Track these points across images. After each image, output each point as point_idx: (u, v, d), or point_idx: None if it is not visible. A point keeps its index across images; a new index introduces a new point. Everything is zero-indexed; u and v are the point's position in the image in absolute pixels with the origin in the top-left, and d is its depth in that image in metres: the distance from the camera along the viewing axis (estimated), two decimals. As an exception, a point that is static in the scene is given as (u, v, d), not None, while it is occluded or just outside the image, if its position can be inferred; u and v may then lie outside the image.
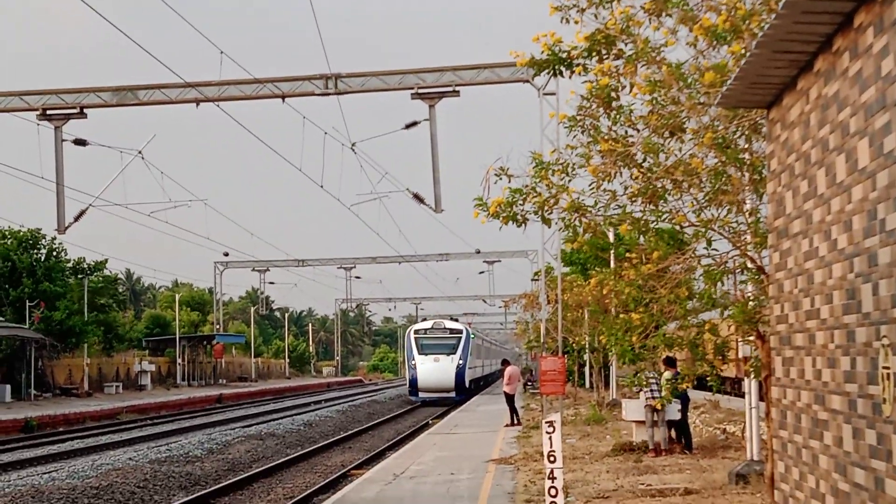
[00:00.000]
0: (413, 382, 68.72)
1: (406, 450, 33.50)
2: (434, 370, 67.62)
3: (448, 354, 68.48)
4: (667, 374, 23.03)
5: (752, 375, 16.75)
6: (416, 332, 71.39)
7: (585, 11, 12.82)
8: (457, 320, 77.88)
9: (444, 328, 71.34)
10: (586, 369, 60.58)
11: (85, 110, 34.76)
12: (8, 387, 64.59)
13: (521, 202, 12.93)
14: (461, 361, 68.58)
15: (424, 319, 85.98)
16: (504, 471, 25.93)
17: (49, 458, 35.13)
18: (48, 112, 35.12)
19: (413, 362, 68.80)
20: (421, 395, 67.84)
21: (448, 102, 32.21)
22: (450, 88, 32.08)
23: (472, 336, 74.33)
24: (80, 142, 35.55)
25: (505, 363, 49.00)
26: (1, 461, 33.22)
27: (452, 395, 67.20)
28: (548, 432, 16.80)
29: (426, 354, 68.62)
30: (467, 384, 69.96)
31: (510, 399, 42.58)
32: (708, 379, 17.23)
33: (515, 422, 41.11)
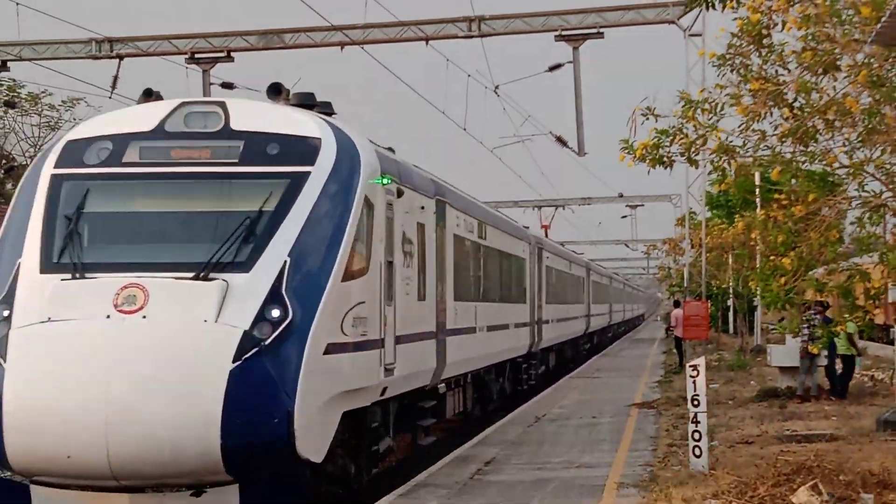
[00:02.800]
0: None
1: (547, 393, 33.55)
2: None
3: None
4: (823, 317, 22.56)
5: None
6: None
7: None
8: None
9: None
10: (730, 315, 59.76)
11: (232, 54, 35.17)
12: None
13: (667, 144, 12.73)
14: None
15: None
16: (646, 415, 25.85)
17: None
18: (196, 56, 35.52)
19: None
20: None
21: (591, 45, 31.88)
22: (594, 30, 31.66)
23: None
24: (227, 85, 35.94)
25: (676, 304, 46.90)
26: None
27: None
28: (692, 376, 16.63)
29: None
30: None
31: (680, 343, 41.13)
32: (859, 325, 16.86)
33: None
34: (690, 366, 17.03)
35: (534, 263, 35.48)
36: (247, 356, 12.67)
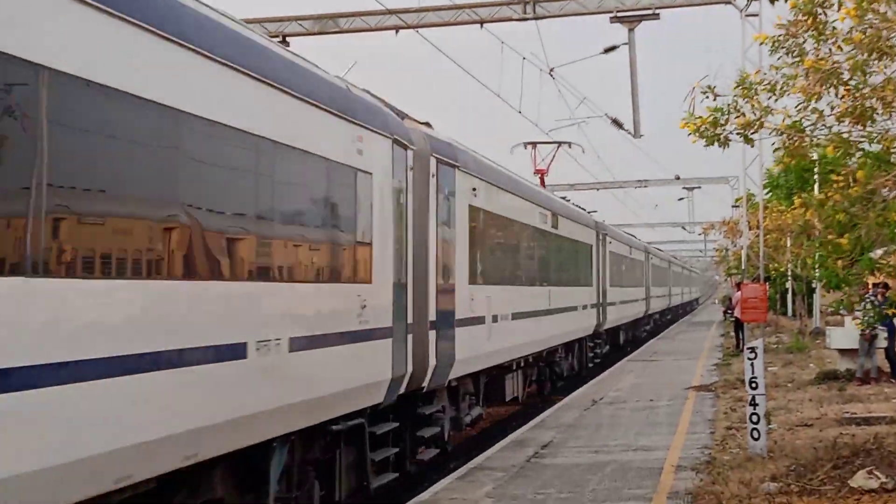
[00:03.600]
0: None
1: (604, 377, 33.52)
2: None
3: None
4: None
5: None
6: None
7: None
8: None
9: None
10: (788, 297, 59.30)
11: (287, 38, 35.35)
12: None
13: (723, 122, 12.64)
14: None
15: None
16: (704, 398, 25.76)
17: None
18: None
19: None
20: None
21: (646, 26, 31.71)
22: (650, 11, 31.49)
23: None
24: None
25: (738, 286, 46.20)
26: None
27: None
28: (749, 358, 16.58)
29: None
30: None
31: (739, 326, 40.76)
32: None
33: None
34: (748, 348, 16.98)
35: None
36: None
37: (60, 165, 7.80)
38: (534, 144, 41.46)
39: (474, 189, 19.87)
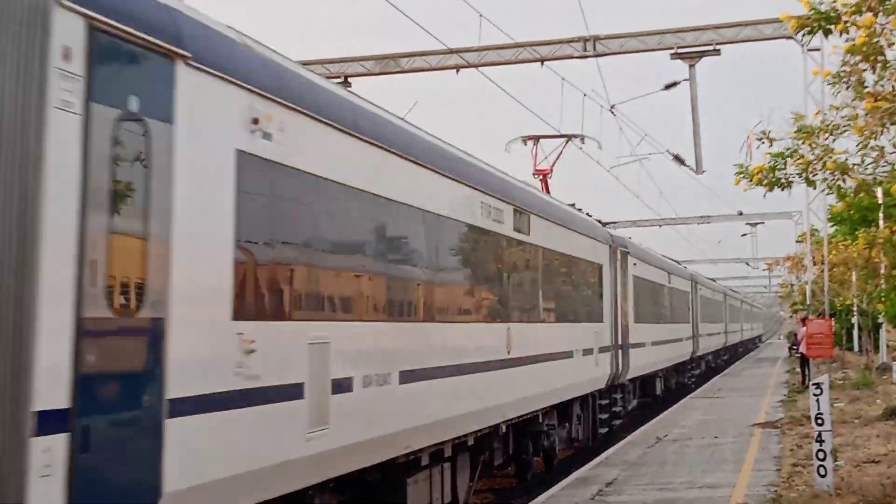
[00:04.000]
0: None
1: (669, 413, 33.34)
2: None
3: None
4: None
5: None
6: None
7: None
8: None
9: None
10: (854, 332, 58.68)
11: (349, 79, 35.72)
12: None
13: (782, 166, 12.65)
14: None
15: None
16: (769, 434, 25.56)
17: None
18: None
19: None
20: None
21: (706, 61, 31.73)
22: (710, 47, 31.50)
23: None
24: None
25: (803, 322, 43.52)
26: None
27: None
28: (815, 394, 16.50)
29: None
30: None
31: (805, 361, 39.52)
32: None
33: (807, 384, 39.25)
34: (814, 384, 16.89)
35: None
36: None
37: None
38: (535, 139, 33.56)
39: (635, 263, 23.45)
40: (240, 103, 9.53)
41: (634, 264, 31.78)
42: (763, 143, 12.85)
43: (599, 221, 29.73)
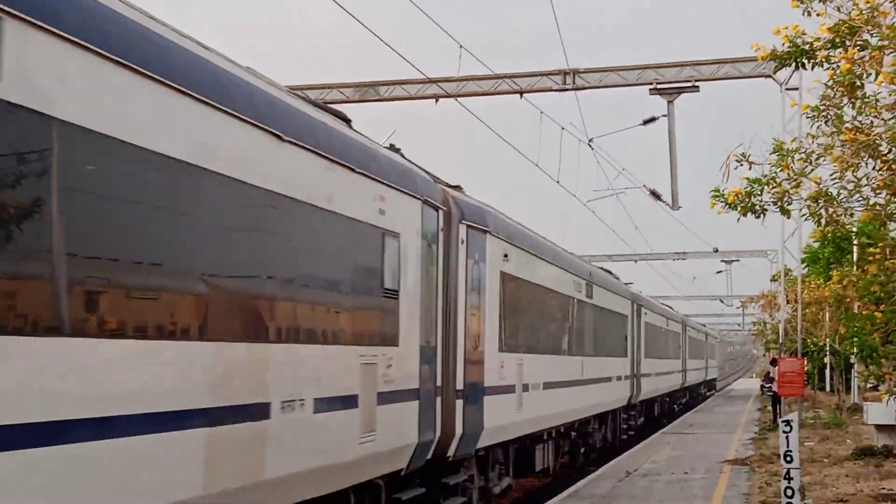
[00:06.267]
0: None
1: (639, 448, 33.28)
2: None
3: None
4: None
5: None
6: None
7: (828, 2, 12.40)
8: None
9: None
10: (826, 372, 58.85)
11: (328, 106, 35.68)
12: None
13: (758, 192, 12.60)
14: None
15: None
16: (739, 471, 25.53)
17: None
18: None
19: None
20: None
21: (686, 97, 31.81)
22: (689, 83, 31.61)
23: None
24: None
25: (773, 363, 44.81)
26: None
27: None
28: (784, 432, 16.47)
29: None
30: None
31: (777, 400, 39.28)
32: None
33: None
34: (783, 421, 16.87)
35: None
36: None
37: None
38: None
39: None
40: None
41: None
42: (741, 164, 12.74)
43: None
